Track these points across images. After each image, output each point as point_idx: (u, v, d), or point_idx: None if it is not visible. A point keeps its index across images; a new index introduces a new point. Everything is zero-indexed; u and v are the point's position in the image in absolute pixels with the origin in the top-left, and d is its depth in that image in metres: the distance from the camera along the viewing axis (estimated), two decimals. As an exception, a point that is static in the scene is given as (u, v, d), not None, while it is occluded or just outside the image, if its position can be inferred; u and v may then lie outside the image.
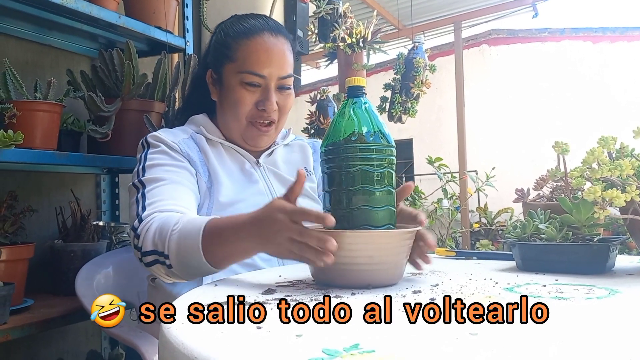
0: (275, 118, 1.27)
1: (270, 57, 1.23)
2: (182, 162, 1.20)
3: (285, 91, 1.27)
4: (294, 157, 1.40)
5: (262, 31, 1.25)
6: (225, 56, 1.27)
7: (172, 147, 1.22)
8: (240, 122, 1.26)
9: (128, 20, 1.73)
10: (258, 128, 1.26)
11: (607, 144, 0.95)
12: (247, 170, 1.28)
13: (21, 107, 1.39)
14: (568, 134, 7.27)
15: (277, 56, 1.24)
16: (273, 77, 1.24)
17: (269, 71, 1.23)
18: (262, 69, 1.22)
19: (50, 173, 1.88)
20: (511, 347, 0.50)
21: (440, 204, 3.28)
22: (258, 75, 1.23)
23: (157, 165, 1.17)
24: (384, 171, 0.87)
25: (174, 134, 1.26)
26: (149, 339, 1.13)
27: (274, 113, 1.26)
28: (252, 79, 1.23)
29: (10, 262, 1.39)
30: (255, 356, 0.49)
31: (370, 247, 0.83)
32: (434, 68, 3.05)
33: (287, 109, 1.29)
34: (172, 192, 1.12)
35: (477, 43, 8.54)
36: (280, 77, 1.24)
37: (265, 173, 1.31)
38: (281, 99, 1.26)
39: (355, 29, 2.67)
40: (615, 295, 0.74)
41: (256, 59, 1.23)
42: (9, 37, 1.75)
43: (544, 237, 0.97)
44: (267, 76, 1.23)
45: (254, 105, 1.24)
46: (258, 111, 1.24)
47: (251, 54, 1.23)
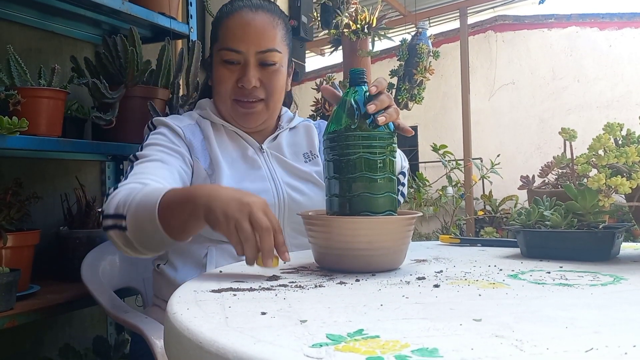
0: (261, 95, 1.25)
1: (246, 32, 1.22)
2: (179, 147, 1.20)
3: (268, 67, 1.24)
4: (298, 140, 1.37)
5: (241, 8, 1.24)
6: (212, 39, 1.29)
7: (175, 130, 1.23)
8: (225, 102, 1.26)
9: (131, 7, 1.72)
10: (242, 106, 1.25)
11: (613, 130, 0.95)
12: (250, 157, 1.27)
13: (25, 94, 1.39)
14: (574, 120, 7.24)
15: (254, 30, 1.22)
16: (250, 52, 1.22)
17: (245, 46, 1.21)
18: (238, 44, 1.21)
19: (55, 160, 1.88)
20: (515, 333, 0.50)
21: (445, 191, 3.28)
22: (234, 51, 1.22)
23: (153, 144, 1.19)
24: (385, 159, 0.87)
25: (179, 119, 1.27)
26: (154, 324, 1.13)
27: (258, 90, 1.24)
28: (229, 55, 1.22)
29: (16, 248, 1.39)
30: (259, 342, 0.49)
31: (370, 233, 0.84)
32: (437, 54, 3.04)
33: (273, 86, 1.26)
34: (156, 169, 1.12)
35: (482, 29, 8.47)
36: (258, 51, 1.22)
37: (269, 159, 1.29)
38: (265, 75, 1.24)
39: (360, 15, 2.65)
40: (620, 282, 0.74)
41: (232, 35, 1.23)
42: (12, 23, 1.75)
43: (548, 224, 0.97)
44: (243, 51, 1.21)
45: (235, 83, 1.23)
46: (239, 88, 1.23)
47: (228, 31, 1.24)
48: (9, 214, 1.40)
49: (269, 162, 1.28)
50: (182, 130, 1.24)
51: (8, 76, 1.44)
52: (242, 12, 1.24)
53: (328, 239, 0.86)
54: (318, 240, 0.88)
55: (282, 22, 1.28)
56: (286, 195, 1.23)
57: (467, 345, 0.47)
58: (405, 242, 0.88)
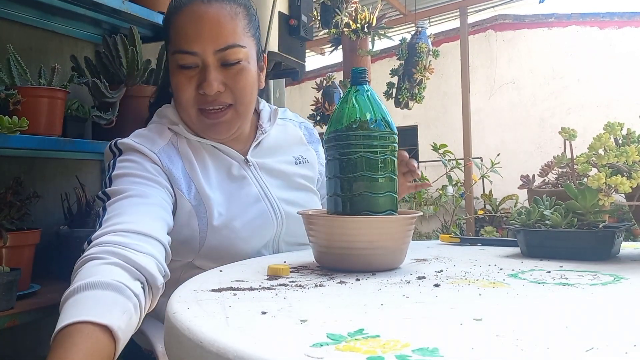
0: (228, 101, 1.08)
1: (199, 29, 1.04)
2: (156, 177, 1.03)
3: (232, 67, 1.07)
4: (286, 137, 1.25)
5: (191, 2, 1.07)
6: (165, 39, 1.13)
7: (149, 156, 1.05)
8: (188, 112, 1.09)
9: (131, 6, 1.72)
10: (207, 116, 1.08)
11: (614, 129, 0.95)
12: (236, 174, 1.13)
13: (26, 93, 1.39)
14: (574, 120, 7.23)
15: (208, 26, 1.04)
16: (207, 52, 1.04)
17: (200, 46, 1.04)
18: (192, 45, 1.04)
19: (55, 159, 1.88)
20: (515, 332, 0.50)
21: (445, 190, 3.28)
22: (188, 53, 1.05)
23: (125, 175, 1.01)
24: (386, 158, 0.87)
25: (151, 141, 1.09)
26: (155, 323, 1.13)
27: (223, 95, 1.07)
28: (185, 59, 1.05)
29: (17, 247, 1.39)
30: (260, 341, 0.49)
31: (371, 232, 0.84)
32: (437, 53, 3.04)
33: (240, 88, 1.08)
34: (134, 207, 0.94)
35: (482, 29, 8.47)
36: (217, 50, 1.05)
37: (257, 171, 1.15)
38: (229, 76, 1.07)
39: (360, 14, 2.65)
40: (620, 282, 0.74)
41: (183, 34, 1.05)
42: (12, 23, 1.75)
43: (548, 223, 0.97)
44: (199, 52, 1.04)
45: (195, 90, 1.07)
46: (201, 96, 1.07)
47: (179, 30, 1.07)
48: (9, 213, 1.40)
49: (258, 176, 1.15)
50: (157, 156, 1.05)
51: (8, 75, 1.44)
52: (192, 5, 1.06)
53: (328, 238, 0.86)
54: (318, 240, 0.88)
55: (244, 10, 1.10)
56: (283, 212, 1.14)
57: (468, 345, 0.47)
58: (406, 242, 0.88)
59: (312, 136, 1.34)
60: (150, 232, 0.90)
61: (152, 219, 0.93)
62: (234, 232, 1.07)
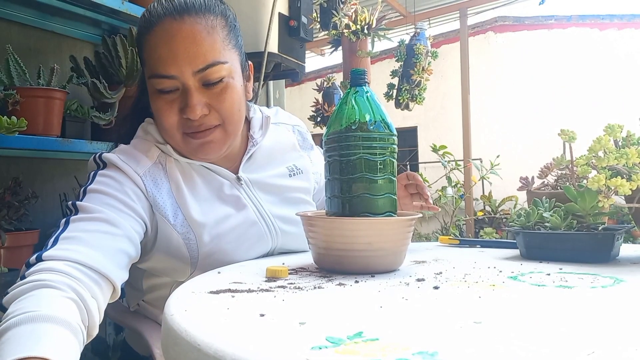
0: (216, 122, 1.00)
1: (174, 50, 0.95)
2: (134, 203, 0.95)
3: (214, 86, 0.98)
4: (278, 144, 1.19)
5: (161, 18, 0.96)
6: (140, 60, 1.04)
7: (132, 179, 0.97)
8: (173, 137, 1.01)
9: (131, 6, 1.72)
10: (194, 137, 1.00)
11: (614, 131, 0.94)
12: (229, 194, 1.06)
13: (24, 94, 1.39)
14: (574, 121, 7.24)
15: (183, 45, 0.95)
16: (185, 74, 0.95)
17: (176, 69, 0.95)
18: (168, 68, 0.95)
19: (54, 159, 1.88)
20: (515, 335, 0.50)
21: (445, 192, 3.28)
22: (165, 77, 0.96)
23: (100, 193, 0.93)
24: (386, 159, 0.87)
25: (136, 161, 1.00)
26: (153, 325, 1.13)
27: (209, 117, 0.99)
28: (162, 83, 0.97)
29: (15, 248, 1.39)
30: (258, 344, 0.49)
31: (370, 234, 0.84)
32: (435, 54, 3.04)
33: (226, 108, 1.00)
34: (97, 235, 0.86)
35: (482, 30, 8.47)
36: (196, 70, 0.96)
37: (250, 189, 1.09)
38: (212, 97, 0.98)
39: (360, 15, 2.65)
40: (619, 284, 0.74)
41: (157, 57, 0.96)
42: (11, 23, 1.75)
43: (548, 225, 0.97)
44: (177, 75, 0.95)
45: (179, 114, 0.99)
46: (185, 120, 0.99)
47: (152, 52, 0.97)
48: (7, 214, 1.40)
49: (252, 196, 1.09)
50: (142, 180, 0.98)
51: (7, 76, 1.44)
52: (163, 23, 0.96)
53: (327, 239, 0.86)
54: (317, 241, 0.87)
55: (221, 19, 1.00)
56: (279, 231, 1.10)
57: (467, 348, 0.47)
58: (405, 243, 0.88)
59: (306, 141, 1.27)
60: (105, 272, 0.82)
61: (113, 254, 0.86)
62: (226, 255, 1.03)
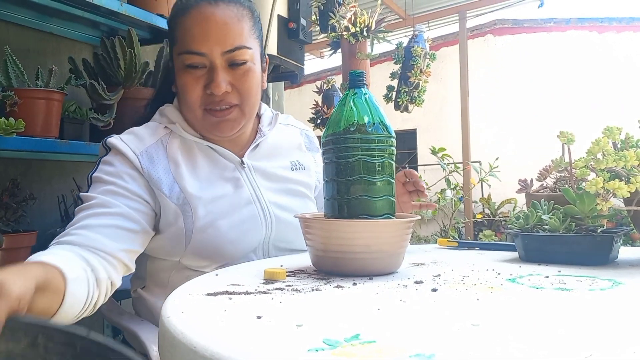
0: (234, 101, 1.10)
1: (206, 31, 1.06)
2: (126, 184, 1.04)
3: (239, 68, 1.09)
4: (283, 143, 1.26)
5: (198, 3, 1.08)
6: (170, 40, 1.14)
7: (129, 159, 1.06)
8: (194, 112, 1.11)
9: (130, 8, 1.72)
10: (214, 115, 1.10)
11: (612, 134, 0.94)
12: (230, 176, 1.13)
13: (23, 95, 1.39)
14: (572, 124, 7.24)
15: (215, 27, 1.06)
16: (215, 53, 1.06)
17: (207, 47, 1.06)
18: (200, 46, 1.06)
19: (52, 161, 1.88)
20: (513, 338, 0.50)
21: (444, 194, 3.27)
22: (196, 54, 1.06)
23: (99, 181, 1.04)
24: (384, 161, 0.87)
25: (139, 139, 1.11)
26: (150, 327, 1.13)
27: (230, 95, 1.09)
28: (192, 59, 1.07)
29: (13, 250, 1.39)
30: (255, 346, 0.49)
31: (368, 236, 0.84)
32: (434, 56, 3.03)
33: (247, 89, 1.10)
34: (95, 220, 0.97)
35: (481, 33, 8.49)
36: (224, 51, 1.06)
37: (251, 174, 1.16)
38: (236, 77, 1.09)
39: (359, 17, 2.65)
40: (618, 287, 0.74)
41: (191, 35, 1.07)
42: (10, 24, 1.74)
43: (547, 227, 0.96)
44: (207, 53, 1.06)
45: (203, 90, 1.08)
46: (209, 96, 1.08)
47: (186, 31, 1.08)
48: (5, 216, 1.40)
49: (252, 179, 1.15)
50: (138, 159, 1.06)
51: (5, 77, 1.43)
52: (199, 6, 1.08)
53: (325, 242, 0.85)
54: (315, 243, 0.87)
55: (249, 12, 1.12)
56: (274, 217, 1.13)
57: (465, 351, 0.46)
58: (403, 246, 0.88)
59: (312, 144, 1.34)
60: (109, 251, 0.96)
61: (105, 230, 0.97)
62: (220, 232, 1.07)
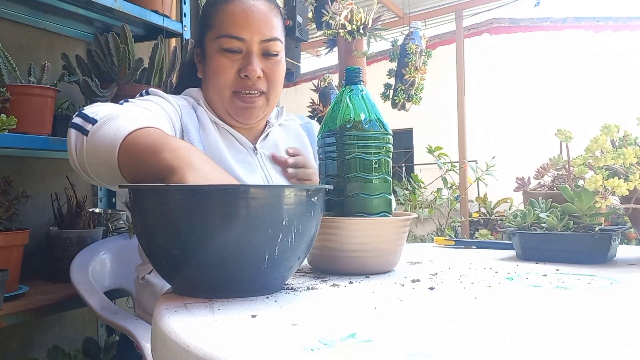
0: (263, 88, 1.17)
1: (248, 19, 1.14)
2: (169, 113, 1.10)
3: (271, 58, 1.17)
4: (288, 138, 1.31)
5: None
6: (205, 26, 1.19)
7: (172, 104, 1.13)
8: (222, 94, 1.16)
9: (124, 4, 1.70)
10: (242, 99, 1.16)
11: (611, 131, 0.94)
12: (243, 159, 1.19)
13: (15, 91, 1.37)
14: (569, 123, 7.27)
15: (256, 17, 1.14)
16: (254, 40, 1.14)
17: (248, 34, 1.13)
18: (241, 32, 1.13)
19: (45, 159, 1.86)
20: (511, 336, 0.49)
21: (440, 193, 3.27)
22: (236, 38, 1.13)
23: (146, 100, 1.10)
24: (381, 159, 0.86)
25: (175, 97, 1.18)
26: (144, 326, 1.11)
27: (260, 82, 1.16)
28: (231, 43, 1.14)
29: (5, 248, 1.37)
30: (249, 346, 0.48)
31: (364, 234, 0.82)
32: (429, 54, 3.02)
33: (276, 78, 1.18)
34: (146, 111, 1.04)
35: (478, 32, 8.50)
36: (262, 40, 1.15)
37: (263, 160, 1.22)
38: (267, 66, 1.17)
39: (356, 15, 2.64)
40: (616, 285, 0.73)
41: (233, 21, 1.14)
42: (3, 20, 1.73)
43: (544, 226, 0.96)
44: (246, 39, 1.13)
45: (236, 73, 1.15)
46: (241, 79, 1.15)
47: (228, 17, 1.15)
48: (-3, 213, 1.38)
49: (263, 165, 1.21)
50: (180, 109, 1.14)
51: (-3, 73, 1.42)
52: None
53: (322, 240, 0.84)
54: (311, 242, 0.86)
55: (279, 12, 1.22)
56: None
57: (463, 350, 0.46)
58: (400, 244, 0.87)
59: (312, 137, 1.37)
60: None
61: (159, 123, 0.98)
62: None
